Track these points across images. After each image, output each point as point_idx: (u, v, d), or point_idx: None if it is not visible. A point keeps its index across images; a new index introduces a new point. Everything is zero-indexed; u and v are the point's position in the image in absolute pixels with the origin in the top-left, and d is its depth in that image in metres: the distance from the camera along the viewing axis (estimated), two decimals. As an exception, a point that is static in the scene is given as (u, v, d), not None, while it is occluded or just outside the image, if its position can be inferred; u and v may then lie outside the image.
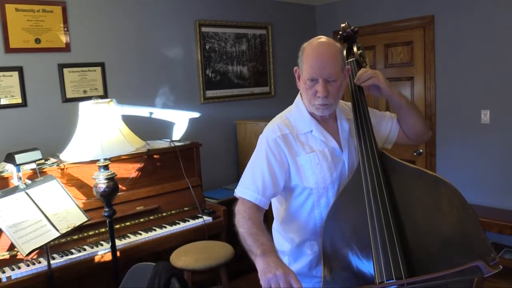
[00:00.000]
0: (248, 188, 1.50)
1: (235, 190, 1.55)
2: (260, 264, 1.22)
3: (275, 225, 1.71)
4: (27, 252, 2.00)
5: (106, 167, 2.40)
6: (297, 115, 1.58)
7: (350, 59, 1.75)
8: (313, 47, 1.48)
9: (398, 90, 1.65)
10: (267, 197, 1.49)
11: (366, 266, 1.37)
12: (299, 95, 1.61)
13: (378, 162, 1.46)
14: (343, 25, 1.80)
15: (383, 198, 1.39)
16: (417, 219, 1.37)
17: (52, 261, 2.39)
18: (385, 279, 1.28)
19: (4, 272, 2.36)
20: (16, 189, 2.21)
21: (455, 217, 1.32)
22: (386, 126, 1.70)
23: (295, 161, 1.52)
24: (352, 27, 1.78)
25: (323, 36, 1.53)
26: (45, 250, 2.26)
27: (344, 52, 1.77)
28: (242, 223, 1.41)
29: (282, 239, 1.65)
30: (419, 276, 1.25)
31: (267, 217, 1.54)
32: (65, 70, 3.15)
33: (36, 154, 2.44)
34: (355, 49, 1.76)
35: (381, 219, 1.36)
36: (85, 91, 3.25)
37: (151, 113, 3.66)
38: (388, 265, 1.30)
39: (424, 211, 1.37)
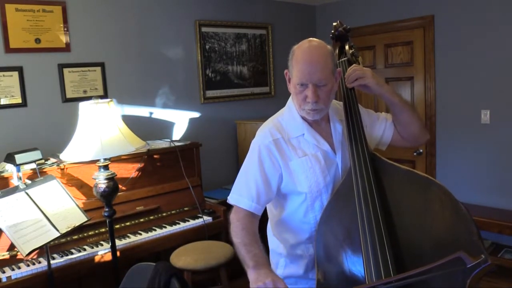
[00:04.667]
0: (242, 195, 1.50)
1: (229, 197, 1.54)
2: (251, 275, 1.28)
3: (270, 227, 1.69)
4: (27, 252, 2.00)
5: (106, 167, 2.40)
6: (289, 118, 1.57)
7: (343, 59, 1.72)
8: (303, 51, 1.45)
9: (391, 88, 1.61)
10: (262, 204, 1.50)
11: (359, 270, 1.37)
12: (291, 97, 1.58)
13: (370, 165, 1.45)
14: (335, 23, 1.77)
15: (374, 202, 1.39)
16: (408, 221, 1.36)
17: (52, 261, 2.39)
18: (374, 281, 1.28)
19: (4, 272, 2.36)
20: (16, 189, 2.21)
21: (447, 219, 1.31)
22: (380, 127, 1.67)
23: (287, 166, 1.51)
24: (344, 26, 1.76)
25: (314, 39, 1.50)
26: (45, 250, 2.26)
27: (337, 51, 1.74)
28: (236, 233, 1.42)
29: (277, 241, 1.64)
30: (401, 274, 1.23)
31: (263, 216, 1.54)
32: (65, 70, 3.15)
33: (36, 154, 2.44)
34: (347, 48, 1.74)
35: (372, 222, 1.35)
36: (85, 91, 3.25)
37: (151, 113, 3.66)
38: (378, 267, 1.30)
39: (416, 213, 1.36)
